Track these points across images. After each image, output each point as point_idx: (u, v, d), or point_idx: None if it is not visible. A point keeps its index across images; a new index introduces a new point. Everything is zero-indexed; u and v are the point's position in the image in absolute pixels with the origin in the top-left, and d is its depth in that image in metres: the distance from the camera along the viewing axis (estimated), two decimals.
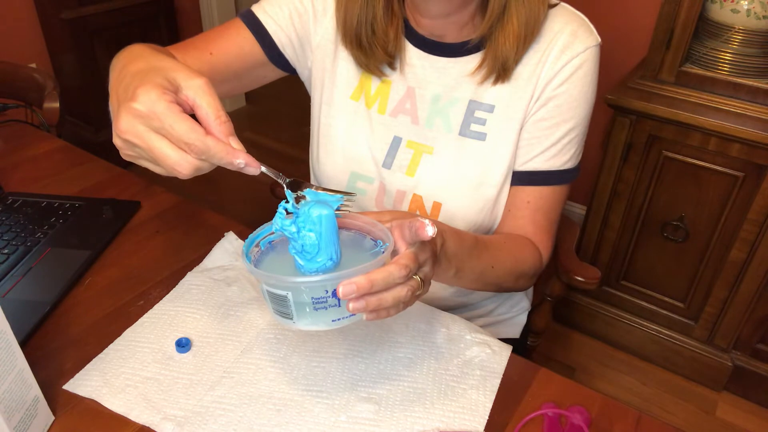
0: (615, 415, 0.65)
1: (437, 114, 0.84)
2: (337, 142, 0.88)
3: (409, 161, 0.85)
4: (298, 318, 0.52)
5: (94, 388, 0.64)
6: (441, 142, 0.84)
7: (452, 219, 0.84)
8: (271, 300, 0.53)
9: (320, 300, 0.50)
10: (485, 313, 0.99)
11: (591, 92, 0.81)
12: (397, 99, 0.85)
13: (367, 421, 0.62)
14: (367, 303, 0.51)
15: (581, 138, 0.84)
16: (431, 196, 0.85)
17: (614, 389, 1.69)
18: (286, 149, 2.88)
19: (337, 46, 0.86)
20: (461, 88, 0.82)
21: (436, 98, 0.83)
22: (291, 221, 0.55)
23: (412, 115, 0.85)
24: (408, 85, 0.85)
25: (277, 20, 0.86)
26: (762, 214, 1.38)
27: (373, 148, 0.86)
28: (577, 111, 0.81)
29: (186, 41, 0.85)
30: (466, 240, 0.73)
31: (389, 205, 0.88)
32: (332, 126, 0.89)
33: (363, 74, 0.86)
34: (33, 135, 1.17)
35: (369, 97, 0.87)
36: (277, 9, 0.87)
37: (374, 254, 0.55)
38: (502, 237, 0.84)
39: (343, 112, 0.88)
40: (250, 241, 0.57)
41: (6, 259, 0.82)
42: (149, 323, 0.73)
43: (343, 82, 0.87)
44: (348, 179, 0.89)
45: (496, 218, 0.87)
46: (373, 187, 0.88)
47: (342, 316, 0.52)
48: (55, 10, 2.24)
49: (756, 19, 1.35)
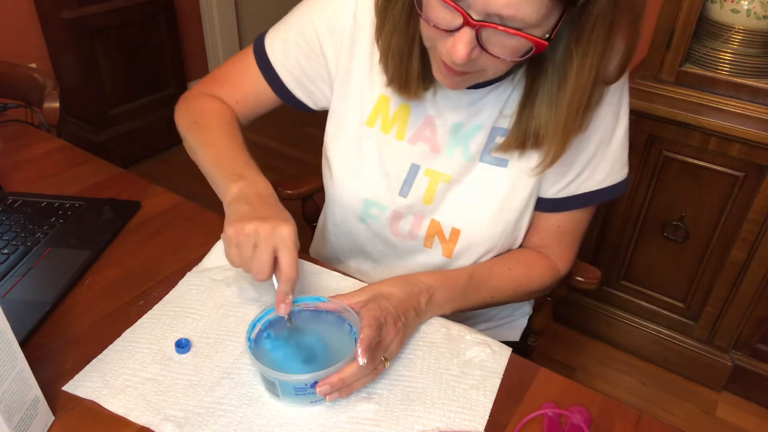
0: (615, 415, 0.65)
1: (458, 143, 0.80)
2: (349, 169, 0.86)
3: (425, 189, 0.82)
4: (284, 397, 0.63)
5: (94, 389, 0.64)
6: (460, 169, 0.80)
7: (471, 244, 0.83)
8: (263, 380, 0.64)
9: (301, 389, 0.62)
10: (487, 318, 0.99)
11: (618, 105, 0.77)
12: (416, 125, 0.81)
13: (368, 421, 0.62)
14: (340, 393, 0.63)
15: (620, 151, 0.80)
16: (450, 222, 0.83)
17: (614, 389, 1.69)
18: (286, 149, 2.88)
19: (351, 73, 0.83)
20: (483, 115, 0.78)
21: (457, 127, 0.79)
22: None
23: (432, 144, 0.81)
24: (427, 114, 0.80)
25: (287, 65, 0.85)
26: (762, 214, 1.38)
27: (389, 175, 0.83)
28: (608, 125, 0.77)
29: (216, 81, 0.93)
30: (458, 284, 0.78)
31: (405, 231, 0.85)
32: (345, 152, 0.85)
33: (380, 98, 0.82)
34: (33, 135, 1.17)
35: (386, 122, 0.82)
36: (285, 52, 0.85)
37: (351, 336, 0.67)
38: (506, 264, 0.83)
39: (357, 139, 0.84)
40: (252, 325, 0.67)
41: (6, 259, 0.82)
42: (149, 324, 0.73)
43: (357, 107, 0.83)
44: (361, 206, 0.86)
45: (516, 240, 0.86)
46: (386, 215, 0.85)
47: (320, 399, 0.63)
48: (55, 10, 2.24)
49: (756, 19, 1.35)
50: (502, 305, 0.83)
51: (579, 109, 0.68)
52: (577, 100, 0.67)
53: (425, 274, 0.76)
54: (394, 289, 0.71)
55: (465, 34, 0.59)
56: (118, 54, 2.45)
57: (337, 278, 0.82)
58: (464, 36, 0.59)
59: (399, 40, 0.71)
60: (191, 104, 0.90)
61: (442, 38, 0.62)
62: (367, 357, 0.62)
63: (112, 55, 2.43)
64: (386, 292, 0.70)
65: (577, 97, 0.67)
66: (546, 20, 0.57)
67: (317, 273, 0.83)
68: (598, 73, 0.66)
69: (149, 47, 2.55)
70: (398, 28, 0.71)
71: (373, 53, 0.80)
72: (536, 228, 0.86)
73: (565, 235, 0.86)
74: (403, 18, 0.70)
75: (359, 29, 0.80)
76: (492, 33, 0.59)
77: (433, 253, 0.85)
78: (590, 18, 0.60)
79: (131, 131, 2.58)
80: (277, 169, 2.68)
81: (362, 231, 0.89)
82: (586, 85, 0.66)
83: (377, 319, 0.65)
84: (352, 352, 0.62)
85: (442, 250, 0.85)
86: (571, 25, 0.62)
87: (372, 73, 0.81)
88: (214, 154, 0.80)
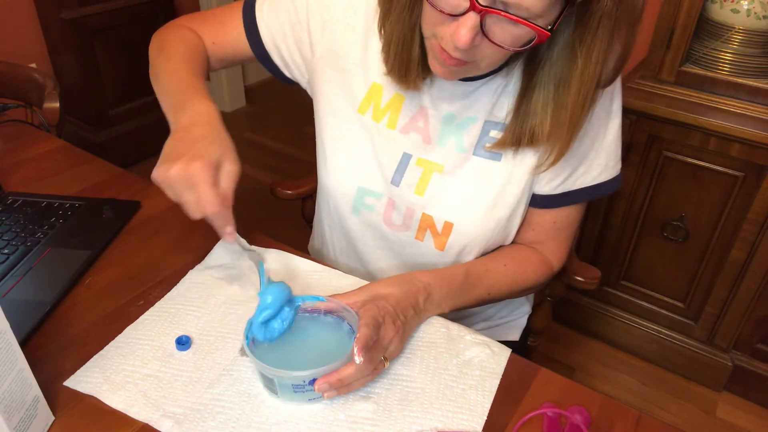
0: (615, 415, 0.65)
1: (451, 134, 0.80)
2: (343, 156, 0.86)
3: (418, 179, 0.82)
4: (282, 395, 0.63)
5: (95, 384, 0.65)
6: (453, 161, 0.81)
7: (463, 239, 0.83)
8: (261, 378, 0.64)
9: (300, 386, 0.62)
10: (486, 317, 0.99)
11: (611, 100, 0.78)
12: (409, 116, 0.81)
13: (366, 421, 0.62)
14: (339, 392, 0.63)
15: (614, 147, 0.81)
16: (442, 216, 0.83)
17: (614, 389, 1.70)
18: (286, 149, 2.88)
19: (340, 59, 0.83)
20: (476, 107, 0.78)
21: (449, 118, 0.80)
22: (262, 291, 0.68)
23: (424, 134, 0.81)
24: (421, 104, 0.80)
25: (271, 28, 0.86)
26: (762, 214, 1.38)
27: (381, 163, 0.83)
28: (601, 121, 0.78)
29: (200, 17, 0.94)
30: (455, 282, 0.78)
31: (398, 221, 0.85)
32: (337, 139, 0.86)
33: (373, 86, 0.82)
34: (33, 135, 1.17)
35: (378, 110, 0.82)
36: (273, 15, 0.86)
37: (351, 336, 0.67)
38: (501, 261, 0.84)
39: (349, 126, 0.84)
40: (249, 324, 0.67)
41: (6, 259, 0.82)
42: (150, 321, 0.73)
43: (349, 94, 0.84)
44: (355, 194, 0.86)
45: (508, 235, 0.86)
46: (381, 203, 0.85)
47: (317, 396, 0.63)
48: (55, 10, 2.24)
49: (756, 19, 1.35)
50: (498, 302, 0.83)
51: (585, 106, 0.69)
52: (582, 98, 0.68)
53: (422, 272, 0.76)
54: (391, 289, 0.71)
55: (469, 18, 0.59)
56: (118, 54, 2.45)
57: (338, 277, 0.82)
58: (468, 21, 0.59)
59: (402, 28, 0.72)
60: (165, 32, 0.91)
61: (445, 23, 0.63)
62: (365, 356, 0.62)
63: (112, 55, 2.44)
64: (384, 292, 0.70)
65: (582, 96, 0.68)
66: (549, 12, 0.58)
67: (317, 272, 0.83)
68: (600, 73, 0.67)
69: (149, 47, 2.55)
70: (402, 16, 0.71)
71: (368, 40, 0.80)
72: (531, 224, 0.86)
73: (560, 231, 0.86)
74: (408, 5, 0.70)
75: (353, 13, 0.80)
76: (496, 20, 0.59)
77: (425, 246, 0.85)
78: (594, 16, 0.61)
79: (131, 131, 2.58)
80: (277, 169, 2.69)
81: (355, 224, 0.89)
82: (591, 83, 0.67)
83: (375, 319, 0.65)
84: (350, 351, 0.63)
85: (434, 243, 0.84)
86: (572, 23, 0.63)
87: (366, 59, 0.81)
88: (168, 83, 0.79)
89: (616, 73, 0.72)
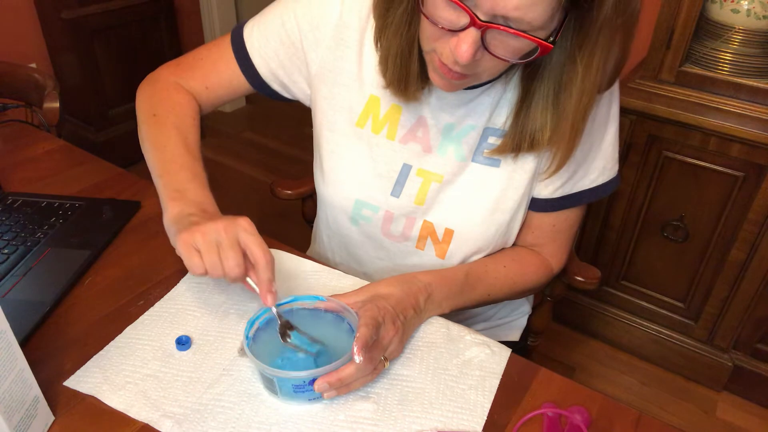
0: (615, 415, 0.65)
1: (450, 142, 0.80)
2: (341, 169, 0.85)
3: (418, 189, 0.82)
4: (282, 395, 0.63)
5: (95, 384, 0.65)
6: (452, 170, 0.80)
7: (464, 246, 0.83)
8: (262, 378, 0.64)
9: (300, 386, 0.62)
10: (486, 318, 0.99)
11: (609, 103, 0.78)
12: (407, 126, 0.81)
13: (366, 420, 0.62)
14: (339, 392, 0.63)
15: (612, 149, 0.81)
16: (443, 223, 0.83)
17: (614, 389, 1.70)
18: (286, 149, 2.88)
19: (337, 74, 0.82)
20: (475, 115, 0.78)
21: (449, 127, 0.79)
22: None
23: (424, 144, 0.81)
24: (420, 114, 0.80)
25: (265, 56, 0.85)
26: (762, 214, 1.38)
27: (380, 175, 0.83)
28: (600, 124, 0.78)
29: (186, 64, 0.92)
30: (455, 282, 0.78)
31: (397, 233, 0.85)
32: (335, 152, 0.85)
33: (370, 98, 0.81)
34: (33, 135, 1.17)
35: (377, 122, 0.82)
36: (264, 42, 0.84)
37: (351, 336, 0.66)
38: (501, 262, 0.84)
39: (347, 140, 0.84)
40: (249, 323, 0.67)
41: (6, 259, 0.82)
42: (150, 321, 0.73)
43: (346, 109, 0.83)
44: (353, 206, 0.86)
45: (508, 240, 0.86)
46: (378, 216, 0.85)
47: (317, 396, 0.63)
48: (55, 10, 2.24)
49: (756, 19, 1.35)
50: (497, 303, 0.83)
51: (587, 111, 0.69)
52: (584, 104, 0.68)
53: (423, 273, 0.76)
54: (392, 289, 0.71)
55: (470, 34, 0.58)
56: (118, 54, 2.46)
57: (338, 277, 0.82)
58: (469, 36, 0.58)
59: (400, 42, 0.71)
60: (155, 91, 0.90)
61: (445, 38, 0.62)
62: (365, 356, 0.62)
63: (112, 55, 2.44)
64: (384, 292, 0.70)
65: (584, 102, 0.67)
66: (550, 23, 0.58)
67: (317, 272, 0.83)
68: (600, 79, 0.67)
69: (149, 47, 2.55)
70: (400, 31, 0.70)
71: (362, 53, 0.80)
72: (531, 227, 0.86)
73: (559, 233, 0.87)
74: (405, 20, 0.69)
75: (346, 28, 0.80)
76: (496, 34, 0.59)
77: (426, 255, 0.85)
78: (595, 23, 0.60)
79: (131, 131, 2.55)
80: (277, 169, 2.68)
81: (354, 233, 0.89)
82: (592, 89, 0.67)
83: (375, 319, 0.65)
84: (350, 351, 0.63)
85: (435, 251, 0.85)
86: (573, 30, 0.62)
87: (361, 73, 0.81)
88: (162, 160, 0.79)
89: (614, 77, 0.72)
